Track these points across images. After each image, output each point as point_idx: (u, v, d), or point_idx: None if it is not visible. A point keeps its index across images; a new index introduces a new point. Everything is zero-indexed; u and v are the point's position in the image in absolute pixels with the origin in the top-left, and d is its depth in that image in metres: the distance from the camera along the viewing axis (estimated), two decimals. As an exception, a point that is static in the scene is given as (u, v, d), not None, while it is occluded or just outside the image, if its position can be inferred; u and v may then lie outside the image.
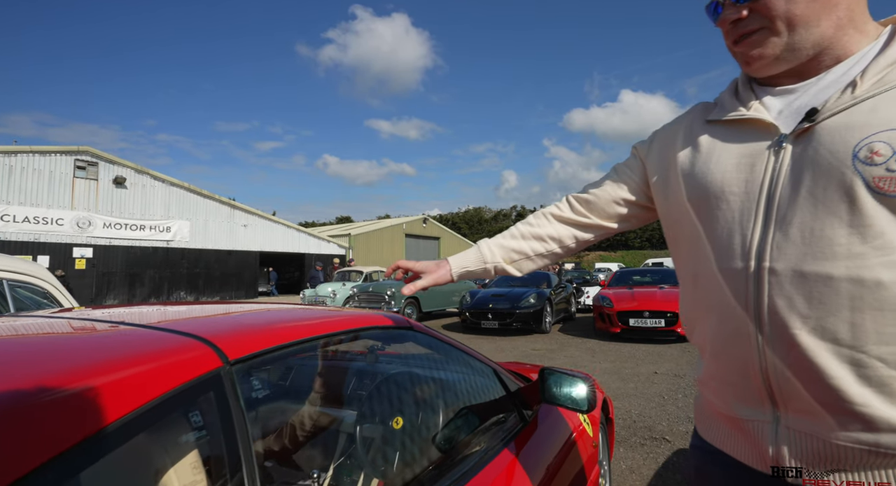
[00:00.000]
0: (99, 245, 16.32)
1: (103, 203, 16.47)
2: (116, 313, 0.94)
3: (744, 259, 0.65)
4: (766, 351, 0.63)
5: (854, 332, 0.57)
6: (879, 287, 0.55)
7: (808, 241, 0.59)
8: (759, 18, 0.65)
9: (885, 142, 0.55)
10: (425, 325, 1.19)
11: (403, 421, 1.08)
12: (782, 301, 0.61)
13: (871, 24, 0.66)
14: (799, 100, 0.66)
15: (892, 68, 0.60)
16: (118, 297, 16.90)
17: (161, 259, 18.00)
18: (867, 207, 0.56)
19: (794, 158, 0.63)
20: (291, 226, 23.01)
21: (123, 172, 17.01)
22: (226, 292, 20.07)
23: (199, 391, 0.60)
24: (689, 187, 0.74)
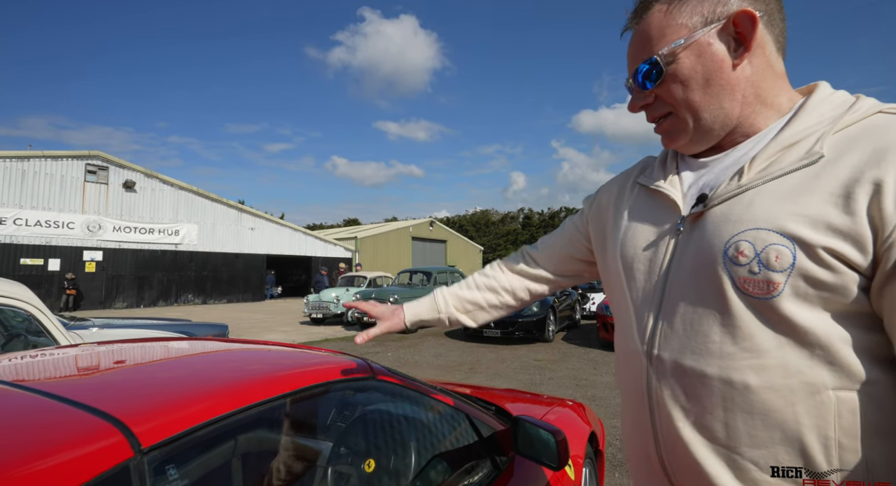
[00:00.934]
0: (109, 248, 16.53)
1: (113, 207, 16.68)
2: (12, 370, 0.88)
3: (641, 342, 0.65)
4: (659, 439, 0.64)
5: (728, 432, 0.57)
6: (747, 390, 0.55)
7: (688, 334, 0.60)
8: (663, 104, 0.66)
9: (750, 242, 0.55)
10: (389, 369, 1.13)
11: (371, 470, 1.02)
12: (668, 392, 0.62)
13: (784, 96, 0.64)
14: (705, 177, 0.66)
15: (780, 155, 0.58)
16: (127, 300, 17.08)
17: (169, 262, 18.18)
18: (735, 307, 0.56)
19: (685, 244, 0.63)
20: (298, 229, 23.13)
21: (133, 176, 17.23)
22: (233, 295, 20.21)
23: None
24: (611, 255, 0.75)
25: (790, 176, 0.56)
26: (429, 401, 1.19)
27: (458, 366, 6.32)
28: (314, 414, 0.97)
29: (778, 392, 0.54)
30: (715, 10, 0.60)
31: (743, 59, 0.61)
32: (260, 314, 14.42)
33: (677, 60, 0.62)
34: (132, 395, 0.74)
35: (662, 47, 0.62)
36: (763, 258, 0.54)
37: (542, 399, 2.01)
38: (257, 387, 0.80)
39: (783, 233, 0.53)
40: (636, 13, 0.67)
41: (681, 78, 0.62)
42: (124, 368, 0.93)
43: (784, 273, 0.53)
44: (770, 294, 0.54)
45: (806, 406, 0.53)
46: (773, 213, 0.55)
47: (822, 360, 0.53)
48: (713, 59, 0.61)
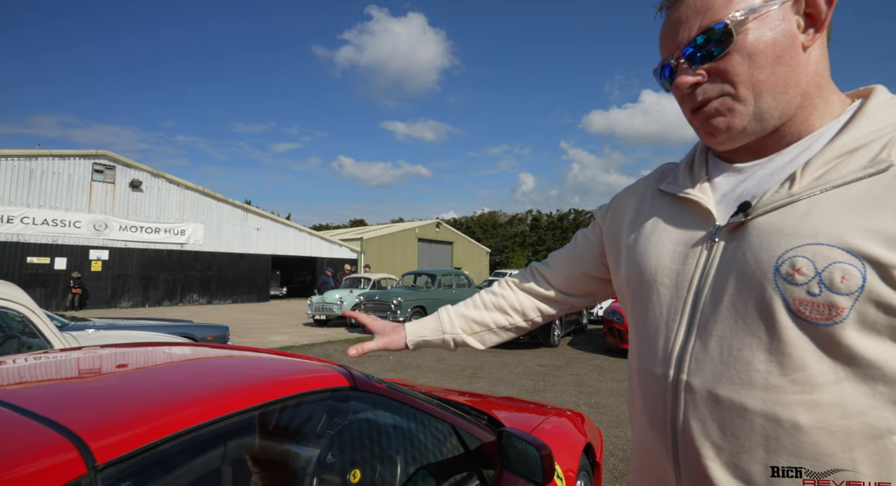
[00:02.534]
0: (115, 247, 16.68)
1: (119, 206, 16.84)
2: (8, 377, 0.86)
3: (664, 365, 0.58)
4: (682, 477, 0.57)
5: (769, 477, 0.50)
6: (796, 430, 0.48)
7: (726, 359, 0.53)
8: (720, 83, 0.56)
9: (809, 259, 0.48)
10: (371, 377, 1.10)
11: (358, 483, 0.99)
12: (697, 424, 0.54)
13: (836, 94, 0.58)
14: (744, 183, 0.59)
15: (839, 162, 0.51)
16: (132, 299, 17.22)
17: (175, 262, 18.30)
18: (787, 332, 0.49)
19: (723, 256, 0.56)
20: (304, 229, 23.21)
21: (139, 175, 17.38)
22: (238, 295, 20.31)
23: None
24: (628, 268, 0.68)
25: (853, 185, 0.50)
26: (413, 412, 1.16)
27: (460, 370, 6.28)
28: (287, 428, 0.93)
29: (833, 434, 0.47)
30: None
31: (814, 42, 0.54)
32: (264, 315, 14.46)
33: (745, 30, 0.53)
34: (94, 407, 0.71)
35: (731, 12, 0.53)
36: (825, 278, 0.47)
37: (537, 408, 1.97)
38: (227, 399, 0.76)
39: (851, 250, 0.46)
40: None
41: (749, 51, 0.53)
42: (92, 377, 0.90)
43: (850, 297, 0.46)
44: (832, 320, 0.47)
45: (866, 452, 0.46)
46: (838, 226, 0.48)
47: (887, 399, 0.46)
48: (786, 34, 0.53)
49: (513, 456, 1.08)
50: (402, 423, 1.15)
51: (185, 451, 0.68)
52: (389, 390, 1.11)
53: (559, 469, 1.45)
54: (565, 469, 1.52)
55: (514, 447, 1.07)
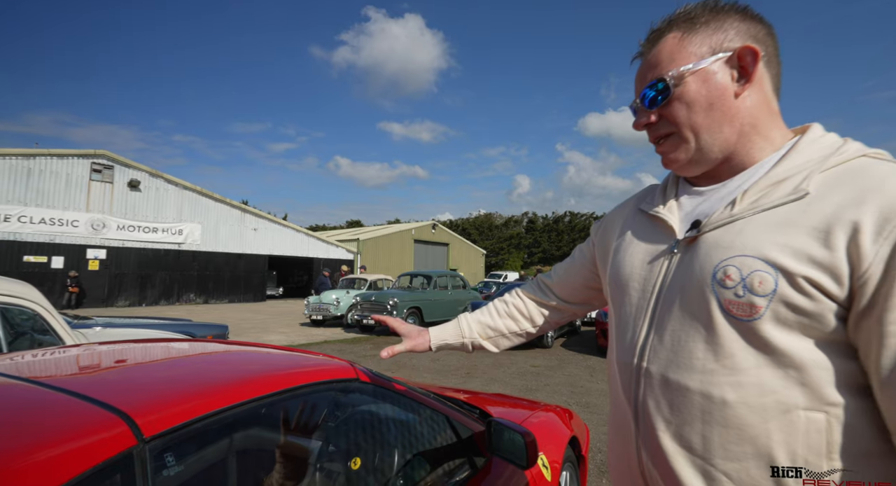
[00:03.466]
0: (112, 247, 16.70)
1: (118, 206, 16.86)
2: (26, 366, 0.97)
3: (631, 355, 0.70)
4: (641, 447, 0.68)
5: (704, 444, 0.60)
6: (725, 405, 0.59)
7: (675, 349, 0.64)
8: (667, 124, 0.69)
9: (737, 267, 0.59)
10: (373, 371, 1.21)
11: (359, 468, 1.10)
12: (652, 403, 0.66)
13: (777, 132, 0.68)
14: (702, 205, 0.70)
15: (771, 189, 0.62)
16: (129, 298, 17.23)
17: (172, 261, 18.34)
18: (720, 326, 0.60)
19: (678, 265, 0.67)
20: (300, 230, 23.28)
21: (138, 175, 17.42)
22: (235, 295, 20.34)
23: (104, 476, 0.62)
24: (610, 274, 0.79)
25: (778, 209, 0.60)
26: (411, 403, 1.27)
27: (454, 370, 6.38)
28: (301, 413, 1.04)
29: (752, 409, 0.57)
30: (722, 43, 0.65)
31: (744, 90, 0.65)
32: (261, 315, 14.52)
33: (684, 83, 0.66)
34: (135, 390, 0.82)
35: (671, 70, 0.66)
36: (748, 283, 0.57)
37: (526, 404, 2.08)
38: (249, 386, 0.87)
39: (767, 261, 0.57)
40: (649, 41, 0.71)
41: (686, 100, 0.66)
42: (127, 366, 1.01)
43: (766, 298, 0.56)
44: (752, 317, 0.57)
45: (778, 424, 0.56)
46: (760, 242, 0.58)
47: (795, 381, 0.56)
48: (717, 85, 0.65)
49: (500, 443, 1.19)
50: (400, 414, 1.26)
51: (216, 429, 0.79)
52: (389, 383, 1.22)
53: (544, 458, 1.56)
54: (551, 460, 1.63)
55: (501, 434, 1.19)
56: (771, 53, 0.67)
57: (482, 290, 18.91)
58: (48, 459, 0.58)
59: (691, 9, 0.68)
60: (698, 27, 0.67)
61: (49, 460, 0.58)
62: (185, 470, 0.74)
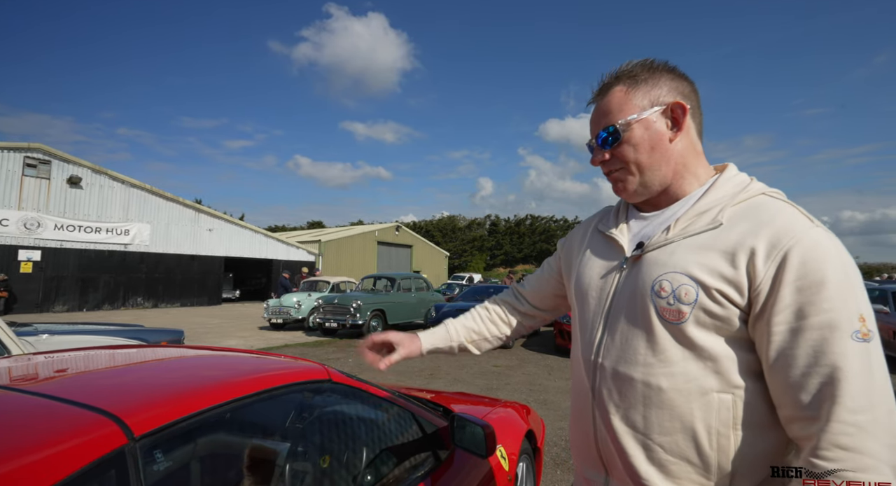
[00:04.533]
0: (48, 248, 15.50)
1: (55, 203, 15.67)
2: (20, 371, 0.99)
3: (590, 352, 0.84)
4: (597, 429, 0.81)
5: (645, 423, 0.74)
6: (660, 391, 0.73)
7: (623, 347, 0.78)
8: (617, 161, 0.84)
9: (669, 281, 0.74)
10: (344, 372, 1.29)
11: (329, 461, 1.17)
12: (606, 391, 0.79)
13: (702, 169, 0.83)
14: (646, 229, 0.85)
15: (696, 218, 0.77)
16: (68, 302, 16.04)
17: (118, 263, 17.24)
18: (657, 328, 0.74)
19: (626, 278, 0.81)
20: (259, 231, 22.53)
21: (79, 171, 16.26)
22: (187, 299, 19.38)
23: (101, 471, 0.67)
24: (574, 287, 0.93)
25: (700, 235, 0.75)
26: (380, 401, 1.35)
27: (418, 372, 6.46)
28: (277, 413, 1.11)
29: (680, 393, 0.71)
30: (659, 98, 0.80)
31: (677, 137, 0.80)
32: (216, 319, 13.94)
33: (631, 129, 0.80)
34: (120, 394, 0.86)
35: (621, 119, 0.81)
36: (677, 294, 0.72)
37: (486, 401, 2.21)
38: (230, 387, 0.93)
39: (690, 276, 0.72)
40: (601, 92, 0.86)
41: (633, 142, 0.80)
42: (105, 371, 1.03)
43: (690, 306, 0.71)
44: (680, 320, 0.72)
45: (698, 404, 0.71)
46: (686, 261, 0.73)
47: (711, 370, 0.71)
48: (656, 132, 0.80)
49: (462, 435, 1.30)
50: (370, 412, 1.35)
51: (201, 428, 0.85)
52: (360, 383, 1.31)
53: (503, 450, 1.69)
54: (508, 451, 1.77)
55: (463, 427, 1.30)
56: (695, 106, 0.83)
57: (445, 292, 19.06)
58: (48, 456, 0.63)
59: (632, 67, 0.83)
60: (640, 84, 0.81)
61: (49, 457, 0.63)
62: (174, 466, 0.80)
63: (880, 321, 7.33)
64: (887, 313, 7.27)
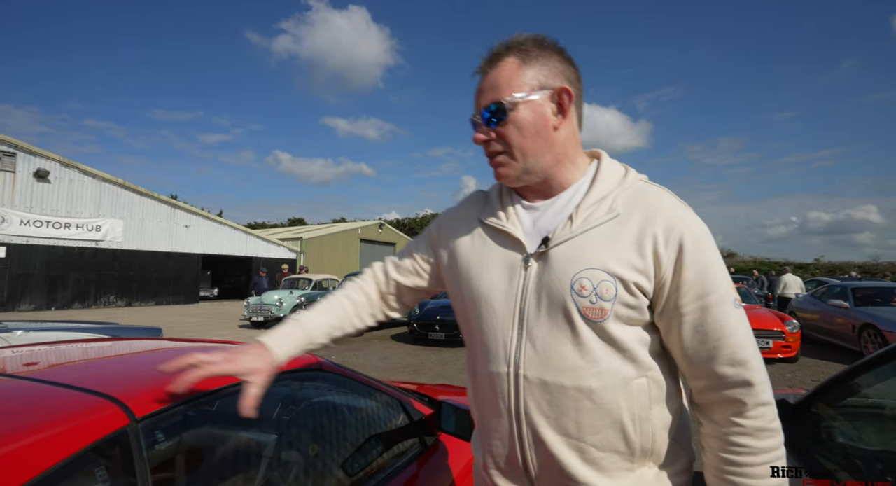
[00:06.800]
0: (14, 244, 14.87)
1: (21, 198, 15.04)
2: (20, 361, 1.00)
3: (506, 364, 0.75)
4: (525, 445, 0.75)
5: (578, 427, 0.72)
6: (592, 392, 0.71)
7: (547, 354, 0.72)
8: (501, 143, 0.77)
9: (589, 279, 0.70)
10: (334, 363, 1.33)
11: (317, 449, 1.21)
12: (533, 404, 0.73)
13: (580, 158, 0.81)
14: (541, 220, 0.80)
15: (595, 207, 0.75)
16: (35, 301, 15.43)
17: (88, 260, 16.66)
18: (581, 329, 0.71)
19: (536, 277, 0.75)
20: (238, 228, 22.09)
21: (47, 164, 15.63)
22: (163, 297, 18.89)
23: (106, 449, 0.70)
24: (467, 289, 0.82)
25: (603, 226, 0.73)
26: (368, 390, 1.40)
27: (402, 368, 6.50)
28: (271, 399, 1.15)
29: (608, 389, 0.70)
30: (548, 80, 0.75)
31: (561, 124, 0.76)
32: (194, 318, 13.65)
33: (517, 109, 0.74)
34: (118, 380, 0.88)
35: (508, 95, 0.74)
36: (598, 291, 0.69)
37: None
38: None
39: (608, 272, 0.70)
40: (490, 60, 0.78)
41: (518, 124, 0.74)
42: (102, 359, 1.05)
43: (610, 302, 0.69)
44: (602, 318, 0.70)
45: (623, 394, 0.70)
46: (600, 256, 0.71)
47: (629, 360, 0.71)
48: (542, 116, 0.75)
49: (448, 420, 1.36)
50: (359, 399, 1.39)
51: (197, 412, 0.89)
52: (348, 371, 1.35)
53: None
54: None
55: (448, 412, 1.36)
56: (579, 94, 0.78)
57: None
58: (56, 434, 0.66)
59: (524, 41, 0.77)
60: (531, 60, 0.75)
61: (57, 435, 0.66)
62: (173, 446, 0.83)
63: (841, 317, 7.73)
64: (847, 309, 7.66)
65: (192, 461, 1.03)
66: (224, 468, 1.08)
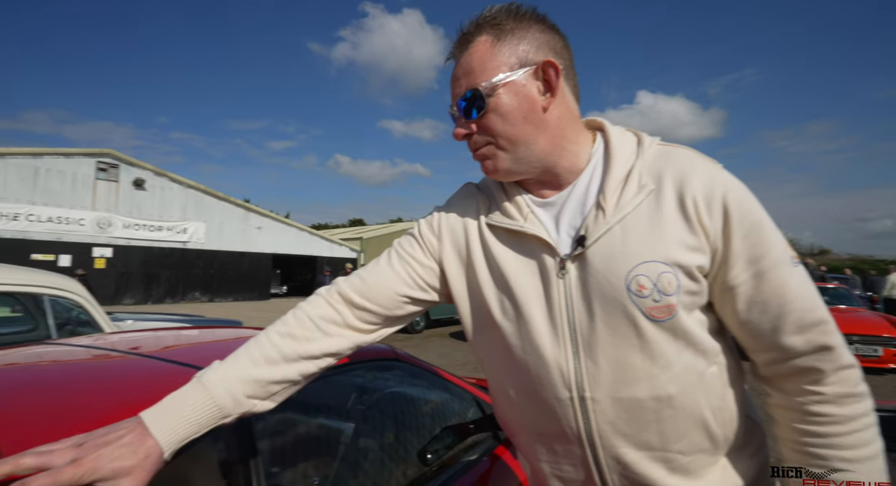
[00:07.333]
0: (118, 245, 16.87)
1: (123, 204, 17.04)
2: (137, 343, 1.12)
3: (566, 389, 0.66)
4: (606, 469, 0.67)
5: (661, 438, 0.64)
6: (671, 399, 0.63)
7: (616, 369, 0.64)
8: (485, 134, 0.68)
9: (646, 276, 0.61)
10: (409, 353, 1.36)
11: (394, 436, 1.25)
12: (607, 427, 0.65)
13: (582, 135, 0.71)
14: (562, 216, 0.69)
15: (622, 188, 0.65)
16: (135, 296, 17.41)
17: (177, 260, 18.51)
18: (649, 333, 0.62)
19: (578, 283, 0.65)
20: (304, 229, 23.44)
21: (143, 173, 17.59)
22: (239, 293, 20.52)
23: None
24: (492, 305, 0.71)
25: (640, 208, 0.63)
26: (442, 381, 1.42)
27: (462, 365, 6.54)
28: (350, 385, 1.20)
29: (686, 390, 0.63)
30: (528, 56, 0.65)
31: (550, 104, 0.66)
32: (267, 313, 14.68)
33: (497, 95, 0.65)
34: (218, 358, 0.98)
35: (484, 80, 0.65)
36: (660, 286, 0.60)
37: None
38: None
39: (666, 262, 0.61)
40: (460, 43, 0.69)
41: (501, 111, 0.65)
42: (203, 343, 1.16)
43: (675, 295, 0.61)
44: (671, 315, 0.61)
45: (701, 391, 0.63)
46: (650, 244, 0.61)
47: (699, 351, 0.63)
48: (528, 98, 0.65)
49: None
50: (433, 391, 1.41)
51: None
52: (423, 363, 1.38)
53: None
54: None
55: None
56: (568, 65, 0.69)
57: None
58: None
59: (495, 14, 0.67)
60: (505, 35, 0.66)
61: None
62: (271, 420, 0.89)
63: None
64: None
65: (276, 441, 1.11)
66: (305, 450, 1.15)
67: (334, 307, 0.73)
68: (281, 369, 0.67)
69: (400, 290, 0.74)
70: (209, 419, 0.61)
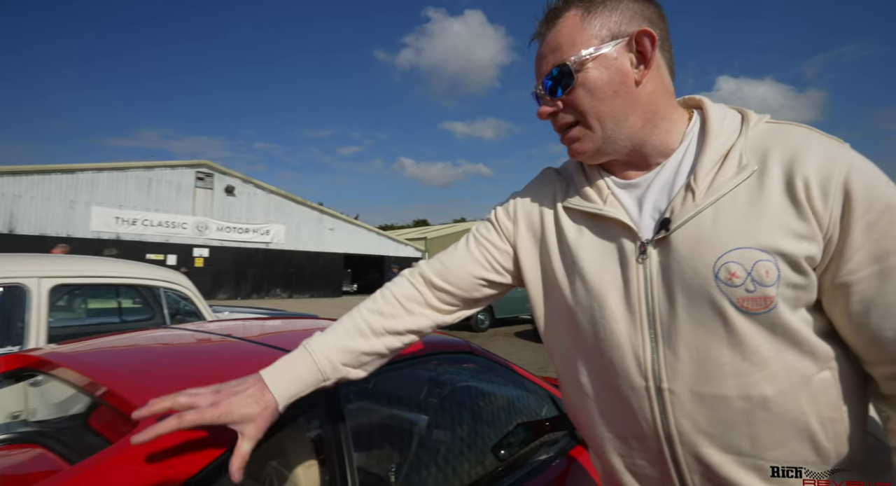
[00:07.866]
0: (213, 246, 18.84)
1: (217, 209, 18.98)
2: (238, 330, 1.25)
3: (642, 378, 0.62)
4: (683, 470, 0.62)
5: (753, 443, 0.58)
6: (766, 401, 0.57)
7: (698, 361, 0.59)
8: (572, 112, 0.66)
9: (738, 263, 0.56)
10: (483, 347, 1.37)
11: (468, 429, 1.27)
12: (688, 423, 0.60)
13: (676, 112, 0.67)
14: (646, 198, 0.66)
15: (718, 168, 0.60)
16: (227, 292, 19.31)
17: (262, 259, 20.25)
18: (739, 325, 0.56)
19: (659, 268, 0.61)
20: (372, 229, 24.49)
21: (233, 181, 19.48)
22: (315, 290, 21.96)
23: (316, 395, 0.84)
24: (566, 291, 0.69)
25: (737, 191, 0.58)
26: (517, 377, 1.41)
27: (528, 365, 6.42)
28: (426, 375, 1.24)
29: (786, 394, 0.56)
30: (621, 27, 0.62)
31: (644, 77, 0.62)
32: (339, 309, 15.51)
33: (586, 69, 0.62)
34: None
35: (573, 54, 0.62)
36: (755, 276, 0.55)
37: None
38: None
39: (765, 249, 0.55)
40: (548, 20, 0.66)
41: (589, 87, 0.62)
42: (298, 331, 1.27)
43: (774, 286, 0.55)
44: (768, 308, 0.55)
45: (806, 397, 0.56)
46: (746, 229, 0.56)
47: (805, 352, 0.56)
48: (619, 72, 0.62)
49: None
50: (508, 386, 1.41)
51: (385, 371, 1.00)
52: (497, 357, 1.37)
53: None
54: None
55: None
56: (664, 36, 0.64)
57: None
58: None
59: None
60: (596, 7, 0.63)
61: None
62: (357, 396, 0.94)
63: None
64: None
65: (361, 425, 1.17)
66: (382, 438, 1.20)
67: (417, 288, 0.78)
68: (370, 341, 0.73)
69: (476, 272, 0.77)
70: (313, 380, 0.70)
